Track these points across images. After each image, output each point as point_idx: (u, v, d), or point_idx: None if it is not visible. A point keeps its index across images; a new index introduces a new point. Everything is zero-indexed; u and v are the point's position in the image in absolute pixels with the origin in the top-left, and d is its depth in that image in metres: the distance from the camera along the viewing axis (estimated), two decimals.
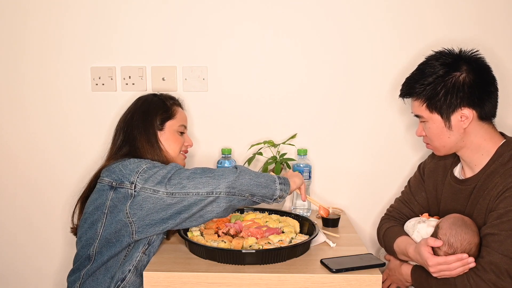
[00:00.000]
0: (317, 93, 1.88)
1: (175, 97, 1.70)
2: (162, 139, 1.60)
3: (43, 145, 1.94)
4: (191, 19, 1.85)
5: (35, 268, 2.02)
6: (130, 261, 1.45)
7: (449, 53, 1.44)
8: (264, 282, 1.30)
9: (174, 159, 1.62)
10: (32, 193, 1.97)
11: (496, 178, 1.38)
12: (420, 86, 1.43)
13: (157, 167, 1.42)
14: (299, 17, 1.84)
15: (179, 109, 1.68)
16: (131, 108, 1.64)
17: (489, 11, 1.80)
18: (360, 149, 1.91)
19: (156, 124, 1.60)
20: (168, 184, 1.37)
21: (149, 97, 1.66)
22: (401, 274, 1.53)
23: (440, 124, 1.43)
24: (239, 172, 1.40)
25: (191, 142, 1.71)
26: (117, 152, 1.58)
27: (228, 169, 1.42)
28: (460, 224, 1.36)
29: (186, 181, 1.37)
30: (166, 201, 1.37)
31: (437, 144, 1.48)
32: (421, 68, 1.46)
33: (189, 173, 1.40)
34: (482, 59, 1.44)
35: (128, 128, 1.60)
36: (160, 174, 1.39)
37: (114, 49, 1.88)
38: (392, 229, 1.58)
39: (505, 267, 1.29)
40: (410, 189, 1.66)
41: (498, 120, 1.48)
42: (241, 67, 1.88)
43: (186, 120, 1.71)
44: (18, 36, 1.88)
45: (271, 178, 1.44)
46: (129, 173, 1.42)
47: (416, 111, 1.48)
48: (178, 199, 1.36)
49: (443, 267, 1.33)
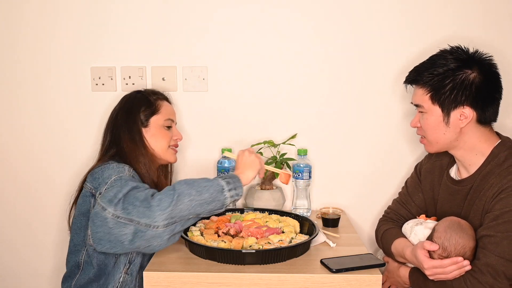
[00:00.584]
0: (318, 93, 1.88)
1: (159, 92, 1.68)
2: (148, 135, 1.57)
3: (43, 145, 1.94)
4: (191, 19, 1.85)
5: (31, 269, 2.01)
6: (113, 282, 1.43)
7: (464, 50, 1.43)
8: (264, 282, 1.30)
9: (163, 155, 1.59)
10: (31, 192, 1.97)
11: (492, 179, 1.38)
12: (428, 75, 1.41)
13: (121, 180, 1.36)
14: (299, 17, 1.84)
15: (164, 103, 1.65)
16: (116, 108, 1.63)
17: (498, 11, 1.79)
18: (360, 149, 1.91)
19: (139, 121, 1.56)
20: (118, 205, 1.25)
21: (132, 94, 1.64)
22: (399, 276, 1.53)
23: (438, 118, 1.42)
24: (177, 196, 1.26)
25: (180, 136, 1.67)
26: (105, 154, 1.57)
27: (165, 195, 1.27)
28: (455, 228, 1.36)
29: (132, 207, 1.25)
30: (109, 223, 1.24)
31: (431, 138, 1.46)
32: (433, 58, 1.45)
33: (143, 197, 1.27)
34: (495, 65, 1.43)
35: (114, 128, 1.59)
36: (113, 191, 1.28)
37: (114, 49, 1.88)
38: (390, 231, 1.57)
39: (502, 269, 1.29)
40: (407, 190, 1.65)
41: (498, 121, 1.48)
42: (241, 67, 1.88)
43: (173, 114, 1.68)
44: (18, 36, 1.88)
45: (217, 188, 1.31)
46: (101, 182, 1.40)
47: (417, 100, 1.47)
48: (121, 224, 1.24)
49: (438, 270, 1.33)
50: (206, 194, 1.29)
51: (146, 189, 1.32)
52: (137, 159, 1.52)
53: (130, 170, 1.46)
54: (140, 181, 1.46)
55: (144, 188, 1.33)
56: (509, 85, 1.77)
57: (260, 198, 1.79)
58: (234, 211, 1.69)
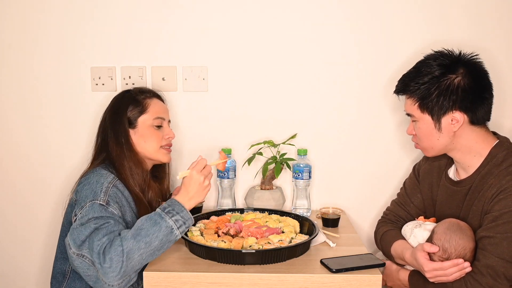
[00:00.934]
0: (317, 93, 1.88)
1: (148, 89, 1.63)
2: (136, 137, 1.53)
3: (42, 144, 1.93)
4: (191, 19, 1.85)
5: (18, 268, 2.01)
6: None
7: (448, 54, 1.43)
8: (264, 282, 1.30)
9: (155, 155, 1.55)
10: (31, 192, 1.96)
11: (491, 180, 1.38)
12: (414, 84, 1.42)
13: (91, 210, 1.35)
14: (298, 17, 1.84)
15: (153, 100, 1.58)
16: (106, 109, 1.60)
17: (487, 12, 1.79)
18: (360, 148, 1.91)
19: (126, 122, 1.52)
20: (81, 247, 1.32)
21: (120, 94, 1.61)
22: (398, 279, 1.53)
23: (430, 125, 1.42)
24: (126, 256, 1.26)
25: (172, 134, 1.60)
26: (97, 157, 1.56)
27: (115, 253, 1.26)
28: (455, 229, 1.36)
29: (95, 256, 1.28)
30: (74, 261, 1.34)
31: (426, 144, 1.47)
32: (418, 67, 1.45)
33: (97, 249, 1.28)
34: (480, 63, 1.43)
35: (103, 130, 1.56)
36: (77, 232, 1.33)
37: (114, 49, 1.88)
38: (389, 233, 1.57)
39: (502, 270, 1.29)
40: (406, 191, 1.65)
41: (495, 121, 1.48)
42: (241, 67, 1.88)
43: (165, 111, 1.62)
44: (18, 36, 1.88)
45: (165, 231, 1.30)
46: (78, 201, 1.40)
47: (408, 109, 1.48)
48: (85, 264, 1.33)
49: (439, 272, 1.33)
50: (155, 243, 1.29)
51: (104, 236, 1.29)
52: (122, 163, 1.49)
53: (110, 184, 1.42)
54: (117, 198, 1.43)
55: (104, 231, 1.31)
56: (504, 85, 1.79)
57: (260, 198, 1.79)
58: (234, 211, 1.69)
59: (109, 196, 1.40)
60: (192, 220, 1.37)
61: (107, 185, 1.42)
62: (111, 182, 1.43)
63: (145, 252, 1.28)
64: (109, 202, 1.38)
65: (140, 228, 1.30)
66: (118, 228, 1.34)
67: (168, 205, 1.36)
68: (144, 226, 1.30)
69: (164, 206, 1.35)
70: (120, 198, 1.44)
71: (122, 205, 1.44)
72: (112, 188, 1.43)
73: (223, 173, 1.82)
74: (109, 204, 1.38)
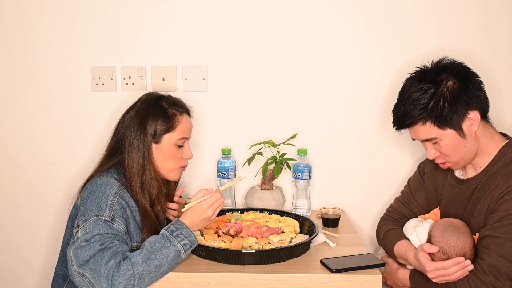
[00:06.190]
0: (317, 93, 1.88)
1: (182, 103, 1.54)
2: (157, 152, 1.47)
3: (42, 144, 1.94)
4: (191, 19, 1.85)
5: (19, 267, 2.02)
6: None
7: (424, 70, 1.44)
8: (264, 282, 1.30)
9: (167, 174, 1.51)
10: (31, 192, 1.96)
11: (498, 179, 1.38)
12: (420, 111, 1.39)
13: (95, 227, 1.31)
14: (299, 17, 1.84)
15: (184, 118, 1.51)
16: (132, 109, 1.50)
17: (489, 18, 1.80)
18: (360, 149, 1.91)
19: (151, 135, 1.45)
20: (83, 266, 1.28)
21: (152, 100, 1.51)
22: (398, 278, 1.53)
23: (455, 137, 1.40)
24: (137, 280, 1.26)
25: (190, 154, 1.54)
26: (108, 159, 1.50)
27: (125, 277, 1.25)
28: (450, 229, 1.37)
29: (95, 277, 1.26)
30: (75, 278, 1.30)
31: (456, 157, 1.43)
32: (407, 95, 1.43)
33: (105, 274, 1.25)
34: (452, 60, 1.44)
35: (122, 133, 1.48)
36: (80, 251, 1.29)
37: (114, 49, 1.88)
38: (392, 232, 1.57)
39: (504, 270, 1.30)
40: (410, 189, 1.65)
41: (497, 121, 1.48)
42: (241, 67, 1.88)
43: (190, 130, 1.56)
44: (18, 36, 1.88)
45: (174, 255, 1.31)
46: (82, 212, 1.35)
47: (425, 135, 1.43)
48: (82, 285, 1.28)
49: (441, 272, 1.33)
50: (165, 266, 1.30)
51: (111, 259, 1.27)
52: (136, 175, 1.43)
53: (116, 195, 1.38)
54: (123, 211, 1.39)
55: (109, 253, 1.28)
56: (505, 85, 1.79)
57: (260, 198, 1.79)
58: (234, 211, 1.69)
59: (114, 210, 1.35)
60: (197, 243, 1.37)
61: (113, 197, 1.37)
62: (117, 193, 1.38)
63: (155, 276, 1.29)
64: (114, 218, 1.35)
65: (150, 251, 1.29)
66: (123, 248, 1.32)
67: (176, 228, 1.34)
68: (154, 249, 1.30)
69: (172, 229, 1.34)
70: (124, 209, 1.39)
71: (127, 217, 1.40)
72: (117, 199, 1.38)
73: (223, 173, 1.82)
74: (114, 220, 1.35)
